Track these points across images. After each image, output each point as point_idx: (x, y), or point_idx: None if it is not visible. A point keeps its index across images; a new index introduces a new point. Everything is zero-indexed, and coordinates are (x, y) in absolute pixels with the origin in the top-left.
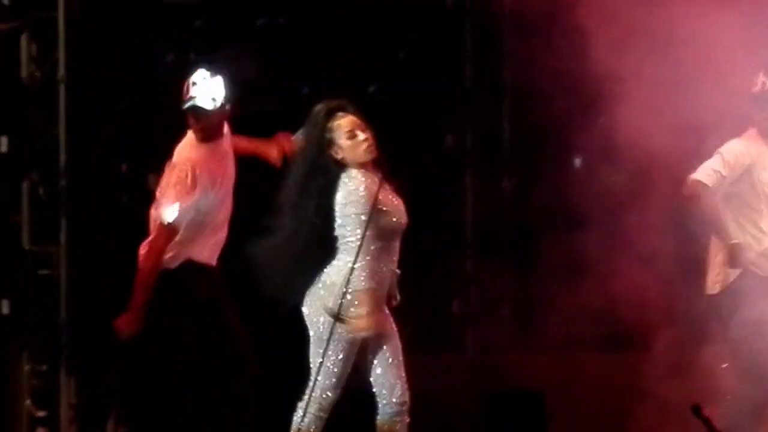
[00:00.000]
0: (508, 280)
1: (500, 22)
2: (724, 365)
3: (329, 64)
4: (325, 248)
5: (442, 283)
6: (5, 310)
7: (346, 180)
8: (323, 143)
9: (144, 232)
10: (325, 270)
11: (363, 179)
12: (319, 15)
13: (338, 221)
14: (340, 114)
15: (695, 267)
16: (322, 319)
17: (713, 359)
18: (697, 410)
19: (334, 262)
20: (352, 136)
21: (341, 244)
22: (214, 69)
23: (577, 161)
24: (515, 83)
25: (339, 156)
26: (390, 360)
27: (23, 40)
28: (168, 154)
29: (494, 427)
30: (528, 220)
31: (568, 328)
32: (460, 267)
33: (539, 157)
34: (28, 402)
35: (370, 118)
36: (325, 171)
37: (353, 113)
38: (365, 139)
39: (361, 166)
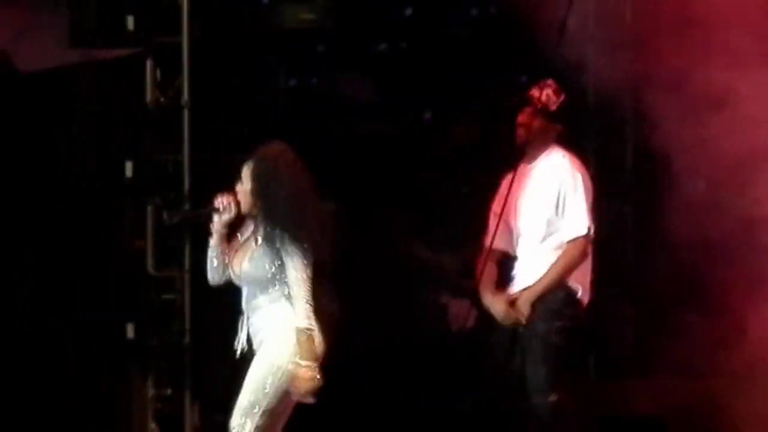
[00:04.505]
0: (629, 305)
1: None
2: None
3: (451, 90)
4: None
5: None
6: (130, 334)
7: None
8: None
9: None
10: None
11: None
12: (440, 40)
13: None
14: None
15: None
16: None
17: None
18: None
19: None
20: None
21: None
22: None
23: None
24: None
25: None
26: None
27: (147, 65)
28: None
29: None
30: (649, 243)
31: (692, 353)
32: None
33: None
34: (152, 426)
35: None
36: None
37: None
38: None
39: None
